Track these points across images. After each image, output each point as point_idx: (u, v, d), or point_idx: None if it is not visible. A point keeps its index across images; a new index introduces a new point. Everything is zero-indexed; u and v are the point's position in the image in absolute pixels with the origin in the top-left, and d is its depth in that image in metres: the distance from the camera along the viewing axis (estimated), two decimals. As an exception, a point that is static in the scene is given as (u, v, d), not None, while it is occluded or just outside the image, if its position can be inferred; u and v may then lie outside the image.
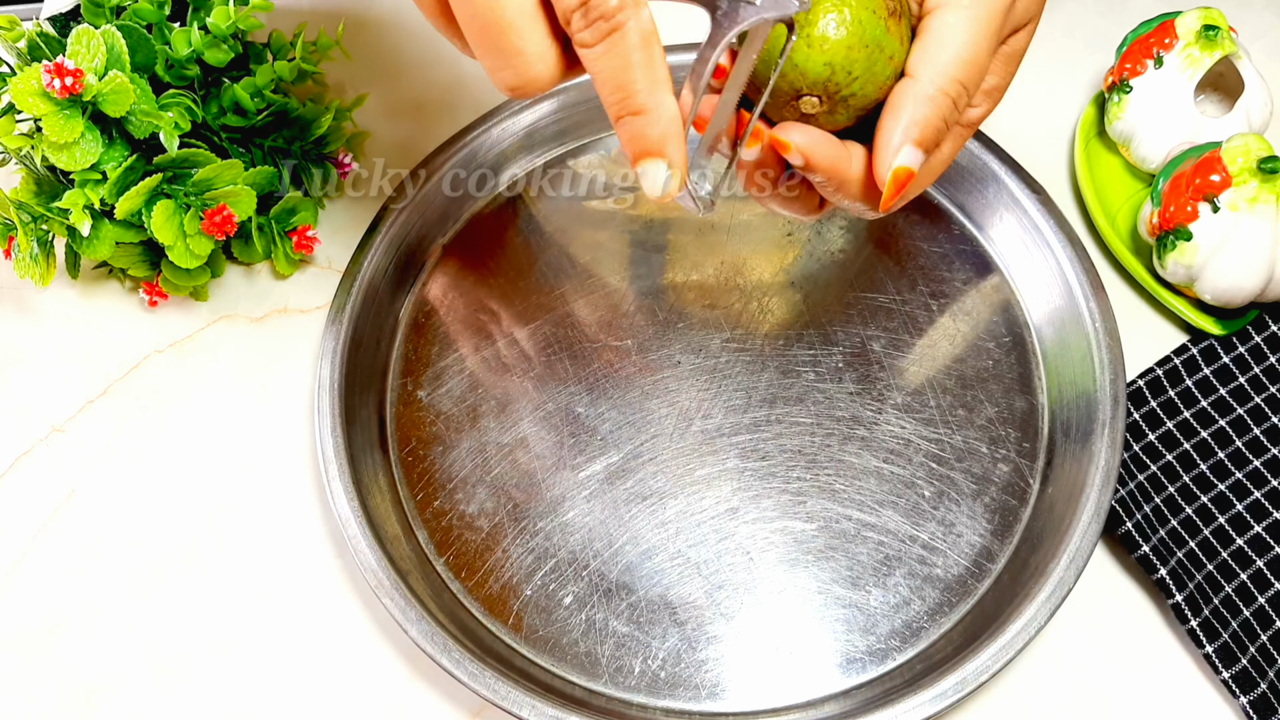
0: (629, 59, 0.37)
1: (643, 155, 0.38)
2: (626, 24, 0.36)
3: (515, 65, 0.38)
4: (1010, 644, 0.51)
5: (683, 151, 0.38)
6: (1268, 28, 0.72)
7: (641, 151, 0.38)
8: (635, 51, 0.37)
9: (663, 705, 0.53)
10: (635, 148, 0.38)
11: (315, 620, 0.56)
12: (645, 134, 0.38)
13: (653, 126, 0.38)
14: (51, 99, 0.54)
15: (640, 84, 0.37)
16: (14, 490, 0.59)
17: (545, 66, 0.38)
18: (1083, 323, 0.58)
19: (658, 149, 0.38)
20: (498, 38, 0.37)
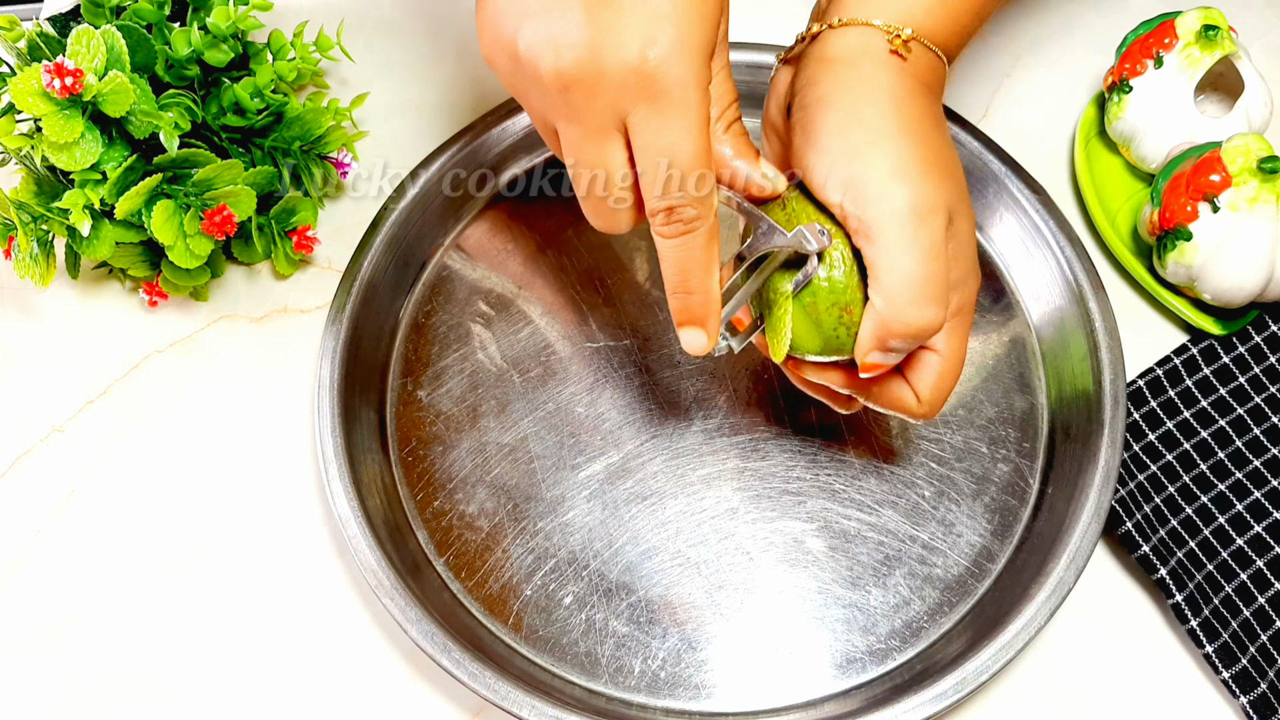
0: (694, 254, 0.46)
1: (687, 323, 0.48)
2: (699, 228, 0.46)
3: (609, 221, 0.48)
4: (1010, 644, 0.51)
5: (718, 325, 0.48)
6: (1268, 28, 0.72)
7: (686, 320, 0.48)
8: (699, 250, 0.46)
9: (663, 705, 0.53)
10: (682, 317, 0.48)
11: (315, 620, 0.56)
12: (692, 309, 0.48)
13: (699, 306, 0.48)
14: (51, 99, 0.54)
15: (696, 273, 0.47)
16: (14, 490, 0.59)
17: (628, 225, 0.48)
18: (1083, 323, 0.58)
19: (700, 322, 0.48)
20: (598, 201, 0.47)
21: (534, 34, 0.44)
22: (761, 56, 0.65)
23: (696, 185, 0.45)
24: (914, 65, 0.49)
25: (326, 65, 0.70)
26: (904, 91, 0.48)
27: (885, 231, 0.45)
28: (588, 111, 0.44)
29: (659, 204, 0.45)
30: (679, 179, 0.44)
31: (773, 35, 0.66)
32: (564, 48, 0.43)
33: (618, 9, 0.43)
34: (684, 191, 0.45)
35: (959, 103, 0.67)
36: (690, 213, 0.45)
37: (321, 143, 0.64)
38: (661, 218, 0.46)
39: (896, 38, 0.48)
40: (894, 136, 0.46)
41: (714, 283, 0.47)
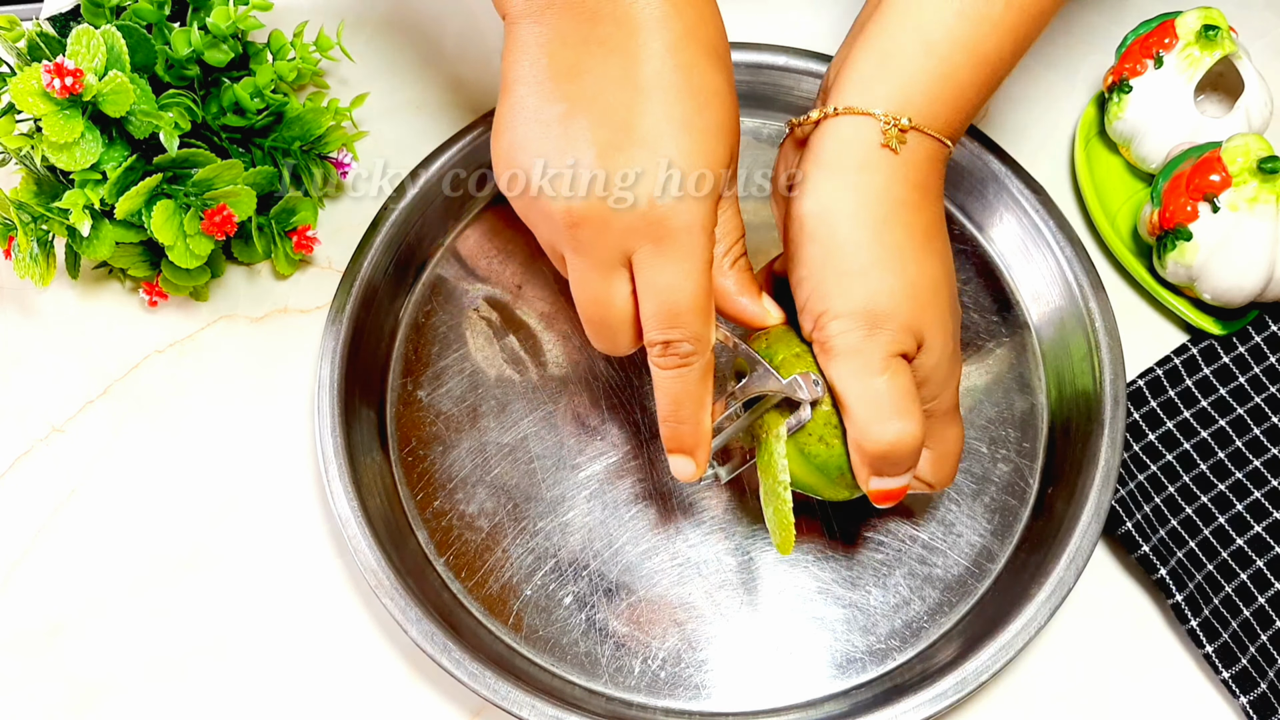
0: (688, 388, 0.48)
1: (677, 451, 0.50)
2: (694, 363, 0.47)
3: (609, 344, 0.50)
4: (1010, 644, 0.51)
5: (706, 456, 0.50)
6: (1268, 28, 0.72)
7: (676, 449, 0.50)
8: (693, 384, 0.48)
9: (663, 705, 0.53)
10: (672, 445, 0.50)
11: (315, 620, 0.56)
12: (682, 438, 0.49)
13: (689, 436, 0.49)
14: (51, 99, 0.54)
15: (689, 406, 0.48)
16: (14, 490, 0.59)
17: (627, 349, 0.50)
18: (1083, 323, 0.58)
19: (689, 451, 0.50)
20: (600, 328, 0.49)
21: (549, 172, 0.46)
22: (761, 56, 0.65)
23: (694, 324, 0.47)
24: (909, 158, 0.48)
25: (326, 65, 0.70)
26: (890, 205, 0.47)
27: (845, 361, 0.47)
28: (595, 248, 0.46)
29: (657, 337, 0.47)
30: (677, 317, 0.46)
31: (774, 35, 0.66)
32: (576, 189, 0.45)
33: (628, 155, 0.45)
34: (681, 329, 0.47)
35: (959, 103, 0.67)
36: (686, 348, 0.47)
37: (321, 143, 0.64)
38: (658, 349, 0.47)
39: (892, 127, 0.47)
40: (865, 273, 0.47)
41: (705, 416, 0.49)
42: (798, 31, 0.70)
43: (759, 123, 0.67)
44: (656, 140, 0.45)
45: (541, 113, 0.46)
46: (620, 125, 0.45)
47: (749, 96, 0.66)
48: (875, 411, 0.46)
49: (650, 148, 0.45)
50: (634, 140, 0.45)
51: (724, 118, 0.47)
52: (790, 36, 0.67)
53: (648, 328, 0.47)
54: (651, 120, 0.45)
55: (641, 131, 0.45)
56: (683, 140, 0.45)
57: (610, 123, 0.45)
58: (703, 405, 0.49)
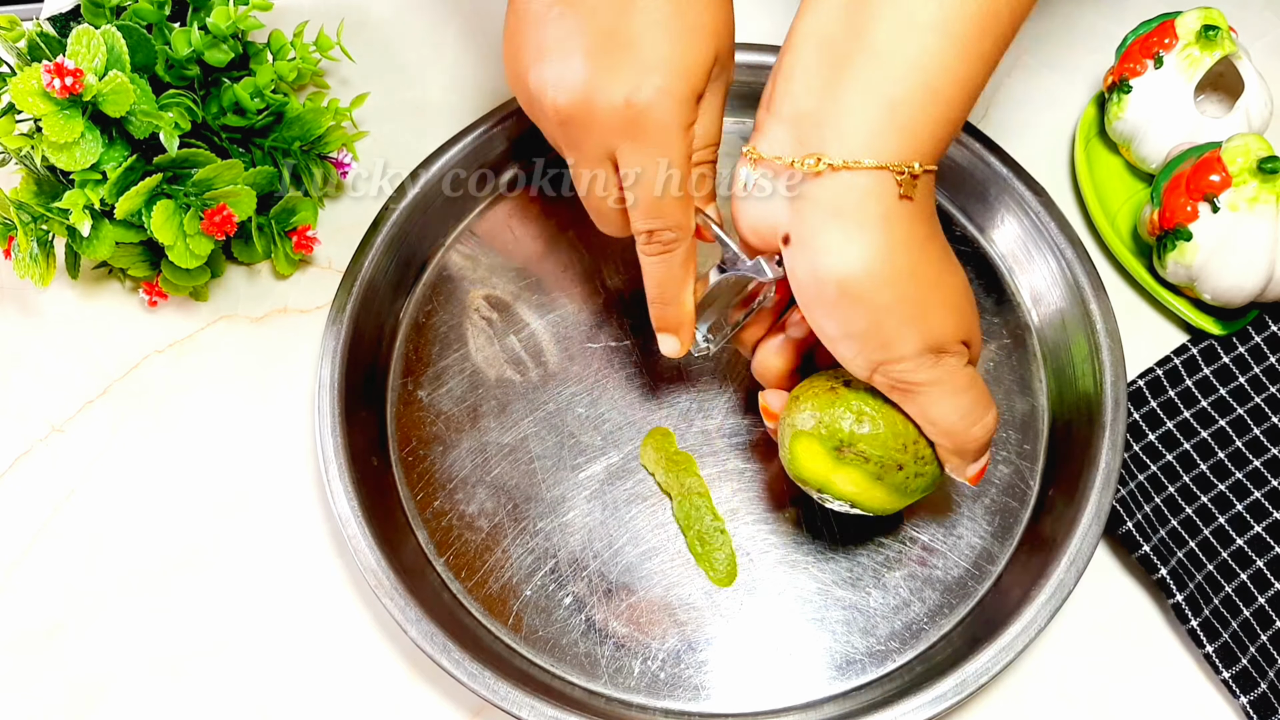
0: (671, 271, 0.52)
1: (663, 330, 0.54)
2: (676, 249, 0.52)
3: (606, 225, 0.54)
4: (1010, 645, 0.51)
5: (690, 333, 0.54)
6: (1268, 27, 0.72)
7: (663, 328, 0.54)
8: (676, 267, 0.52)
9: (662, 706, 0.53)
10: (660, 324, 0.54)
11: (315, 620, 0.56)
12: (668, 318, 0.54)
13: (674, 316, 0.54)
14: (52, 99, 0.54)
15: (672, 287, 0.53)
16: (14, 490, 0.59)
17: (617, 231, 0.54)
18: (1084, 325, 0.58)
19: (675, 329, 0.54)
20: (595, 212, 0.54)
21: (540, 73, 0.50)
22: (762, 57, 0.65)
23: (673, 213, 0.51)
24: (921, 197, 0.46)
25: (326, 65, 0.70)
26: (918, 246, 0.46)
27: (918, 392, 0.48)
28: (582, 143, 0.51)
29: (641, 225, 0.51)
30: (657, 206, 0.50)
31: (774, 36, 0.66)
32: (562, 89, 0.49)
33: (612, 57, 0.48)
34: (662, 218, 0.51)
35: (959, 103, 0.67)
36: (669, 235, 0.51)
37: (321, 143, 0.64)
38: (643, 238, 0.52)
39: (906, 176, 0.45)
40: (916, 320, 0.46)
41: (688, 296, 0.53)
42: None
43: (759, 123, 0.67)
44: (638, 41, 0.48)
45: (540, 17, 0.50)
46: (604, 26, 0.48)
47: (750, 97, 0.66)
48: (971, 419, 0.49)
49: (631, 48, 0.48)
50: (616, 40, 0.48)
51: (707, 19, 0.50)
52: (790, 36, 0.66)
53: (633, 217, 0.51)
54: (635, 21, 0.48)
55: (624, 32, 0.48)
56: (662, 41, 0.48)
57: (596, 23, 0.48)
58: (684, 287, 0.53)
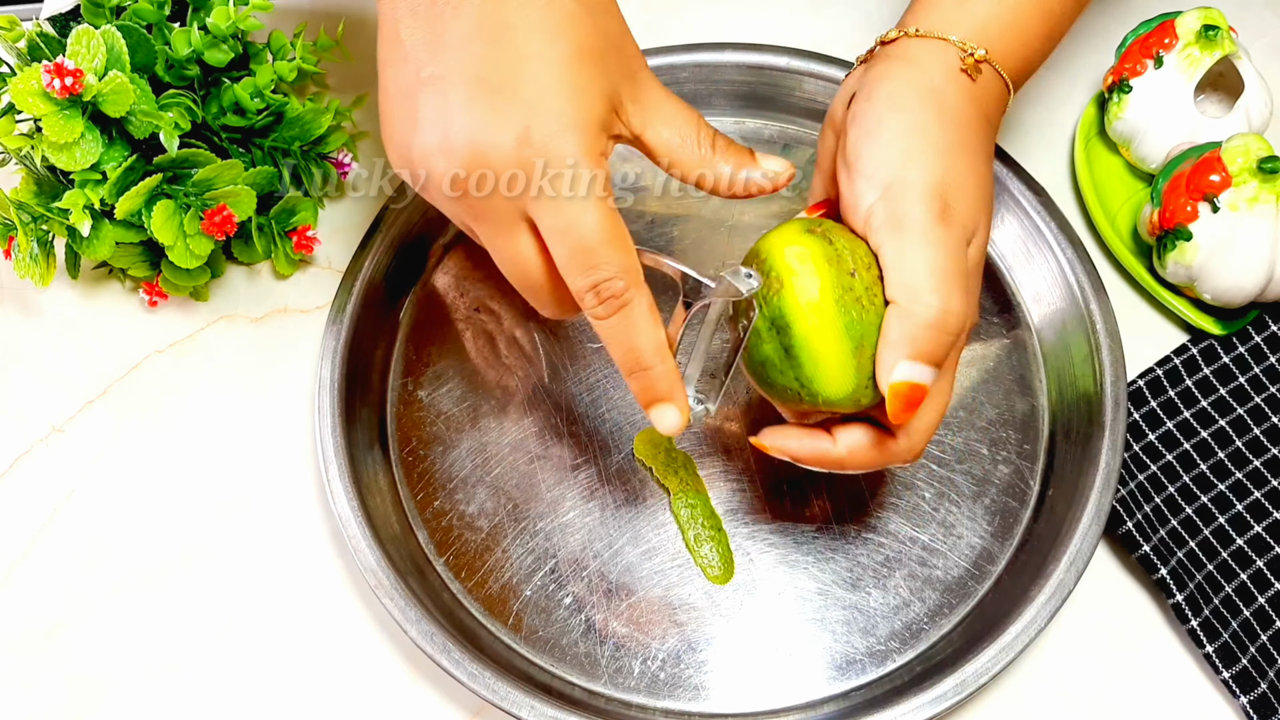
0: (637, 328, 0.45)
1: (653, 402, 0.47)
2: (632, 301, 0.45)
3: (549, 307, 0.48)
4: (1010, 645, 0.51)
5: (684, 394, 0.47)
6: (1268, 27, 0.72)
7: (652, 400, 0.47)
8: (641, 322, 0.45)
9: (662, 706, 0.53)
10: (646, 397, 0.47)
11: (315, 620, 0.56)
12: (655, 387, 0.47)
13: (660, 381, 0.47)
14: (51, 99, 0.54)
15: (646, 348, 0.46)
16: (14, 490, 0.59)
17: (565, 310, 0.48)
18: (1084, 325, 0.58)
19: (666, 397, 0.47)
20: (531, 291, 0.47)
21: (421, 144, 0.45)
22: (762, 57, 0.65)
23: (612, 256, 0.44)
24: (981, 89, 0.50)
25: (326, 65, 0.70)
26: (967, 114, 0.49)
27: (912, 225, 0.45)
28: (486, 209, 0.45)
29: (583, 283, 0.44)
30: (591, 254, 0.44)
31: (774, 36, 0.66)
32: (449, 152, 0.44)
33: (490, 103, 0.43)
34: (601, 266, 0.44)
35: (959, 103, 0.67)
36: (618, 285, 0.44)
37: (322, 143, 0.64)
38: (590, 299, 0.45)
39: (969, 56, 0.49)
40: (947, 153, 0.47)
41: (666, 353, 0.46)
42: (797, 32, 0.70)
43: (760, 123, 0.67)
44: (515, 80, 0.43)
45: (409, 91, 0.45)
46: (475, 76, 0.44)
47: (750, 96, 0.66)
48: (938, 282, 0.44)
49: (508, 89, 0.43)
50: (490, 87, 0.43)
51: (587, 40, 0.45)
52: (790, 37, 0.67)
53: (569, 278, 0.45)
54: (506, 63, 0.44)
55: (497, 76, 0.43)
56: (541, 73, 0.44)
57: (466, 75, 0.44)
58: (658, 343, 0.46)
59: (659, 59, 0.65)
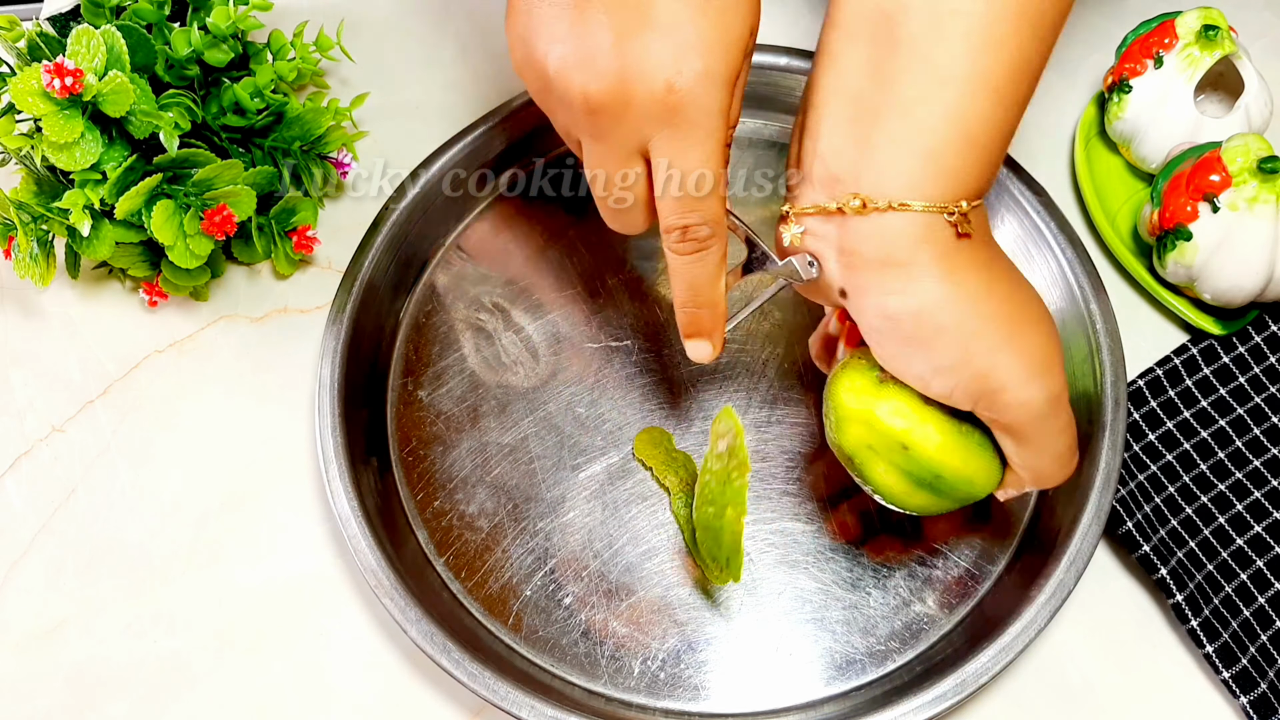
0: (706, 271, 0.49)
1: (694, 335, 0.51)
2: (711, 247, 0.48)
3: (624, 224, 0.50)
4: (1010, 645, 0.51)
5: (722, 337, 0.51)
6: (1267, 27, 0.72)
7: (694, 333, 0.51)
8: (711, 267, 0.49)
9: (662, 706, 0.53)
10: (690, 329, 0.51)
11: (315, 620, 0.56)
12: (700, 322, 0.50)
13: (708, 320, 0.50)
14: (51, 99, 0.54)
15: (705, 290, 0.49)
16: (14, 490, 0.59)
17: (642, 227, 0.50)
18: (1084, 325, 0.58)
19: (707, 334, 0.51)
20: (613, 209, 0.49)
21: (564, 58, 0.45)
22: (762, 57, 0.65)
23: (711, 207, 0.47)
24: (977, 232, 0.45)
25: (326, 65, 0.70)
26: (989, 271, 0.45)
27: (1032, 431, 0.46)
28: (613, 134, 0.46)
29: (676, 221, 0.47)
30: (696, 201, 0.46)
31: (774, 36, 0.66)
32: (593, 74, 0.44)
33: (645, 39, 0.44)
34: (699, 212, 0.47)
35: (959, 103, 0.67)
36: (704, 231, 0.47)
37: (321, 143, 0.64)
38: (676, 235, 0.47)
39: (957, 215, 0.44)
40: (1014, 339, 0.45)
41: (722, 298, 0.50)
42: (797, 31, 0.70)
43: (760, 123, 0.67)
44: (672, 23, 0.44)
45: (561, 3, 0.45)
46: (635, 8, 0.44)
47: (749, 96, 0.66)
48: (1062, 462, 0.48)
49: (666, 31, 0.44)
50: (649, 23, 0.44)
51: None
52: (790, 37, 0.67)
53: (665, 213, 0.47)
54: (666, 3, 0.44)
55: (656, 14, 0.44)
56: (699, 21, 0.44)
57: (625, 6, 0.44)
58: (718, 288, 0.49)
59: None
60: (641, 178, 0.47)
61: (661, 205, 0.47)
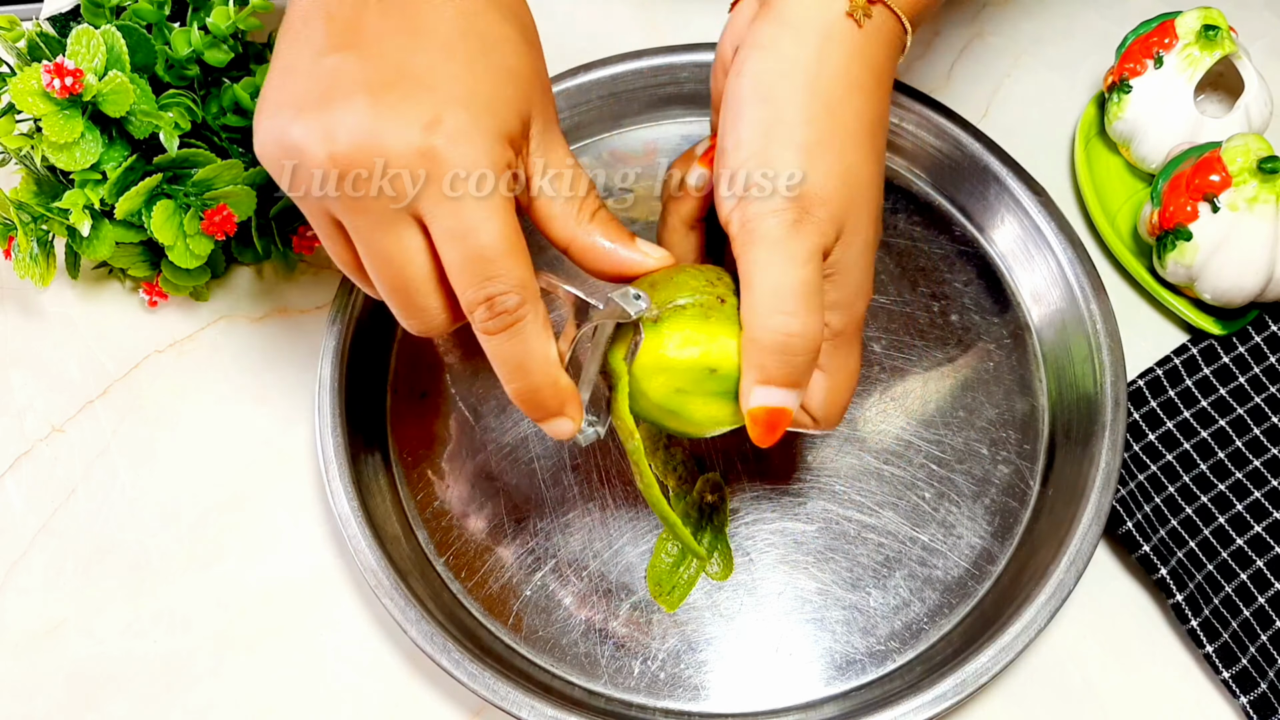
0: (529, 346, 0.43)
1: (547, 418, 0.45)
2: (525, 318, 0.42)
3: (423, 321, 0.44)
4: (1010, 646, 0.51)
5: (579, 406, 0.45)
6: (1267, 28, 0.72)
7: (544, 415, 0.45)
8: (533, 341, 0.43)
9: (662, 706, 0.53)
10: (539, 414, 0.45)
11: (315, 620, 0.56)
12: (544, 403, 0.45)
13: (551, 399, 0.45)
14: (51, 99, 0.54)
15: (537, 366, 0.43)
16: (14, 490, 0.59)
17: (445, 325, 0.44)
18: (1084, 325, 0.58)
19: (559, 412, 0.45)
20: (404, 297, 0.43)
21: (307, 123, 0.40)
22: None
23: (511, 268, 0.42)
24: (871, 37, 0.45)
25: (326, 65, 0.70)
26: (847, 85, 0.45)
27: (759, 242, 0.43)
28: (371, 199, 0.41)
29: (476, 295, 0.42)
30: (489, 263, 0.41)
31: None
32: (342, 133, 0.40)
33: (402, 92, 0.41)
34: (499, 278, 0.41)
35: (959, 102, 0.67)
36: (512, 300, 0.42)
37: (321, 143, 0.64)
38: (482, 312, 0.42)
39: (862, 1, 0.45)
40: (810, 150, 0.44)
41: (559, 370, 0.44)
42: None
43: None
44: (433, 77, 0.41)
45: (311, 68, 0.41)
46: (394, 66, 0.41)
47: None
48: (779, 301, 0.43)
49: (426, 83, 0.41)
50: (408, 79, 0.41)
51: (513, 62, 0.43)
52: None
53: (460, 287, 0.42)
54: (429, 58, 0.41)
55: (417, 69, 0.41)
56: (463, 77, 0.41)
57: (384, 64, 0.41)
58: (550, 360, 0.44)
59: (659, 59, 0.65)
60: (422, 249, 0.42)
61: (454, 280, 0.42)
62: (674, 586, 0.55)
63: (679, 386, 0.45)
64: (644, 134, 0.64)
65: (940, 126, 0.64)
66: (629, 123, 0.67)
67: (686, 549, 0.54)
